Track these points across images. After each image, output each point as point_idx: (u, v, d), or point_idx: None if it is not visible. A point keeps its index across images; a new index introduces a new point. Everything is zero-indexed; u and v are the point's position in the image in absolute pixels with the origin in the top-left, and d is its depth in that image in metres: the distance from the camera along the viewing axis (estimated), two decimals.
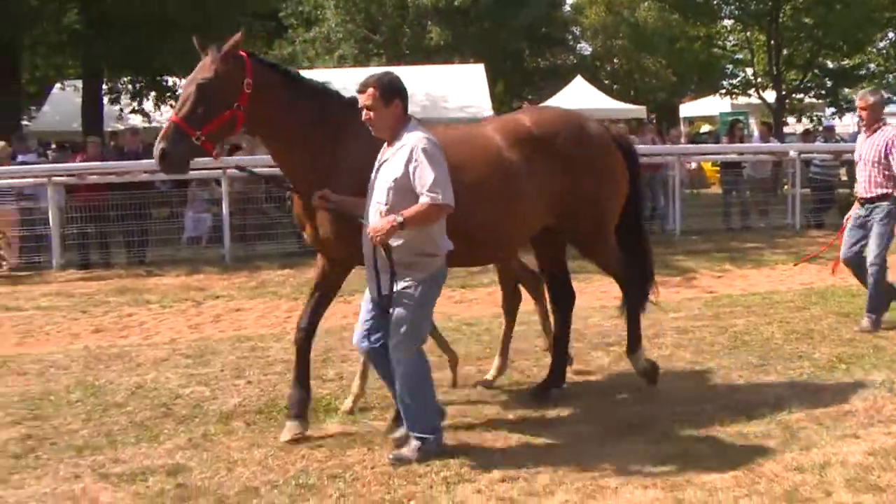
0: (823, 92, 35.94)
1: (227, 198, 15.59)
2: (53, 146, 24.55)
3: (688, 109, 42.66)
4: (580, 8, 52.44)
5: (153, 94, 26.75)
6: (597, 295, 11.59)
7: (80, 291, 13.35)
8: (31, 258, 15.55)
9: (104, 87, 26.31)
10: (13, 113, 24.09)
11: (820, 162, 19.84)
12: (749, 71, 36.87)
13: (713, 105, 38.55)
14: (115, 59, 24.08)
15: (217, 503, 5.58)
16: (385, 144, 5.97)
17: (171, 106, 26.42)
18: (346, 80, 30.31)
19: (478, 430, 6.72)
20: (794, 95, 35.40)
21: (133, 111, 26.99)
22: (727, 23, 37.15)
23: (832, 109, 37.92)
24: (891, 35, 36.14)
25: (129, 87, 26.92)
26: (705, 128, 40.16)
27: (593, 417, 7.01)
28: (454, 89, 28.78)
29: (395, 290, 5.84)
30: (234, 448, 6.51)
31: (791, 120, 39.40)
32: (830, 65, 35.58)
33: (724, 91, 36.84)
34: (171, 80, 26.22)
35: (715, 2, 34.42)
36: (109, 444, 6.62)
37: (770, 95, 34.33)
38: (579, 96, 33.37)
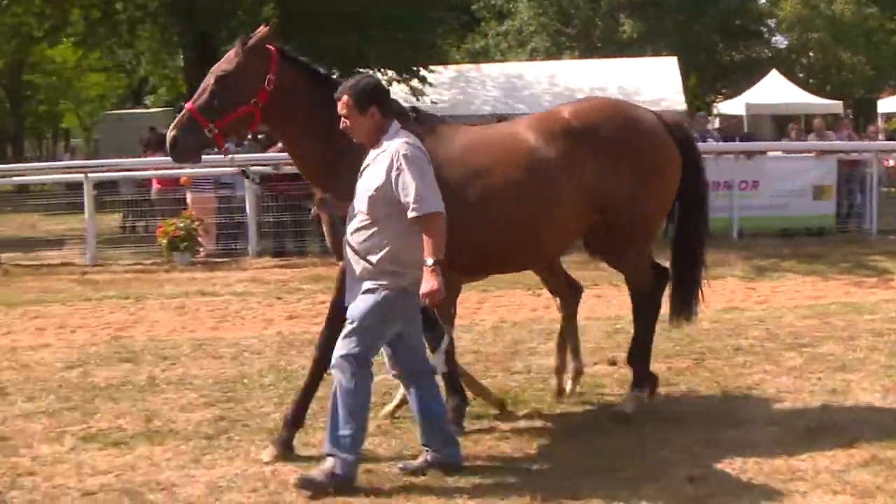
0: None
1: None
2: (249, 137, 25.22)
3: (887, 105, 40.52)
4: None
5: None
6: (789, 294, 11.06)
7: (275, 278, 13.61)
8: (227, 245, 16.01)
9: None
10: None
11: None
12: None
13: None
14: (310, 56, 24.55)
15: (404, 490, 5.49)
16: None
17: None
18: (537, 73, 30.54)
19: (664, 431, 6.42)
20: None
21: None
22: None
23: None
24: None
25: None
26: None
27: (780, 420, 6.62)
28: (647, 83, 28.23)
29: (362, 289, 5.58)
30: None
31: None
32: None
33: None
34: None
35: None
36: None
37: None
38: (774, 90, 32.26)
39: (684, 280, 6.84)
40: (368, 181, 5.53)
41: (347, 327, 5.54)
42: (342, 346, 5.51)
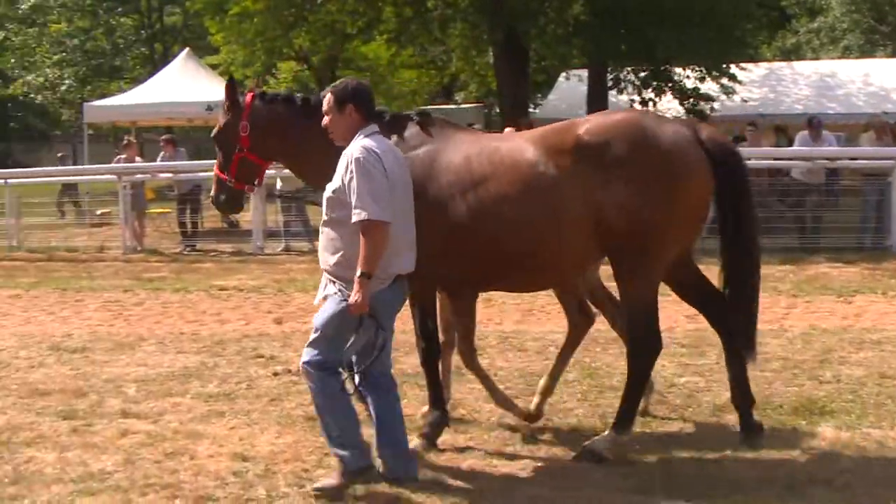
0: None
1: None
2: None
3: None
4: None
5: (655, 83, 26.91)
6: None
7: None
8: None
9: (608, 77, 26.91)
10: (521, 100, 25.42)
11: None
12: None
13: None
14: (619, 51, 24.57)
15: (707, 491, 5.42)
16: None
17: (674, 96, 26.66)
18: (850, 72, 29.03)
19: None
20: None
21: (641, 102, 27.29)
22: None
23: None
24: None
25: (633, 77, 27.28)
26: None
27: None
28: None
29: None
30: (726, 441, 6.31)
31: None
32: None
33: None
34: (676, 71, 26.30)
35: None
36: (602, 426, 6.59)
37: None
38: None
39: (739, 310, 6.26)
40: (331, 183, 5.61)
41: (311, 335, 5.60)
42: (305, 354, 5.59)
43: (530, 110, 28.70)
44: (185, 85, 24.39)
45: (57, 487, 5.76)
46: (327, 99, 5.76)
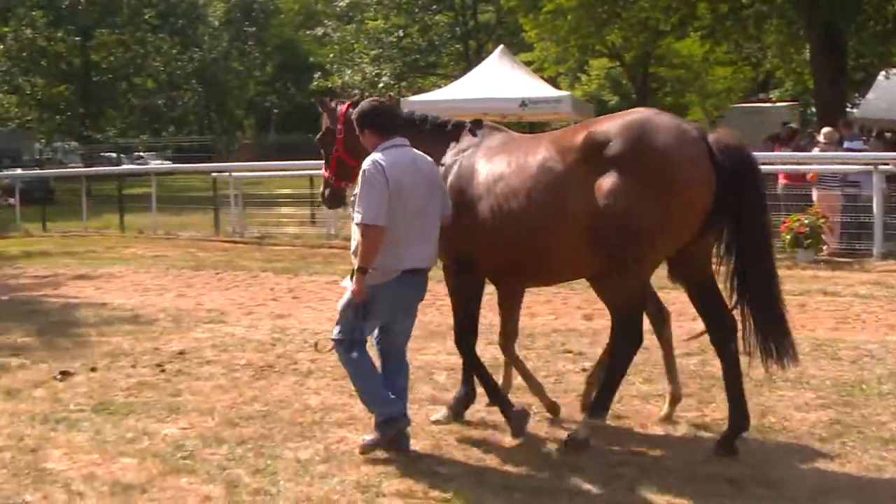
0: None
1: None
2: (874, 134, 24.23)
3: None
4: None
5: None
6: None
7: None
8: (851, 245, 15.57)
9: None
10: (838, 98, 24.35)
11: None
12: None
13: None
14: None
15: None
16: None
17: None
18: None
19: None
20: None
21: None
22: None
23: None
24: None
25: None
26: None
27: None
28: None
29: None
30: None
31: None
32: None
33: None
34: None
35: None
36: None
37: None
38: None
39: (765, 319, 6.16)
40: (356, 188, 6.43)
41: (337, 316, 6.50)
42: (333, 332, 6.48)
43: (847, 109, 27.40)
44: (500, 81, 24.91)
45: (366, 468, 6.17)
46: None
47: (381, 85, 49.41)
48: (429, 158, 6.58)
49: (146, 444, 6.76)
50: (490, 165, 6.65)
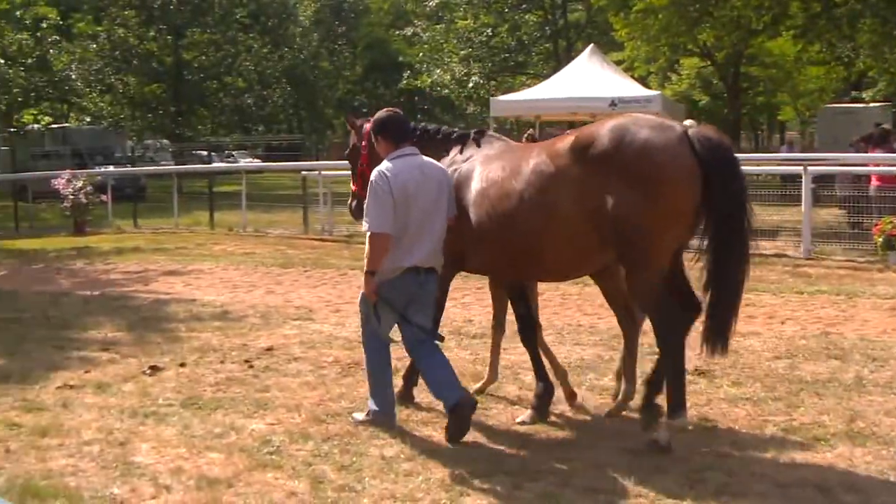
0: None
1: None
2: None
3: None
4: None
5: None
6: None
7: None
8: None
9: None
10: None
11: None
12: None
13: None
14: None
15: None
16: None
17: None
18: None
19: None
20: None
21: None
22: None
23: None
24: None
25: None
26: None
27: None
28: None
29: None
30: None
31: None
32: None
33: None
34: None
35: None
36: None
37: None
38: None
39: (715, 305, 6.31)
40: None
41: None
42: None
43: None
44: (590, 80, 24.72)
45: (451, 467, 6.16)
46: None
47: (470, 84, 49.48)
48: (439, 164, 7.08)
49: (233, 438, 6.84)
50: (486, 170, 7.03)
